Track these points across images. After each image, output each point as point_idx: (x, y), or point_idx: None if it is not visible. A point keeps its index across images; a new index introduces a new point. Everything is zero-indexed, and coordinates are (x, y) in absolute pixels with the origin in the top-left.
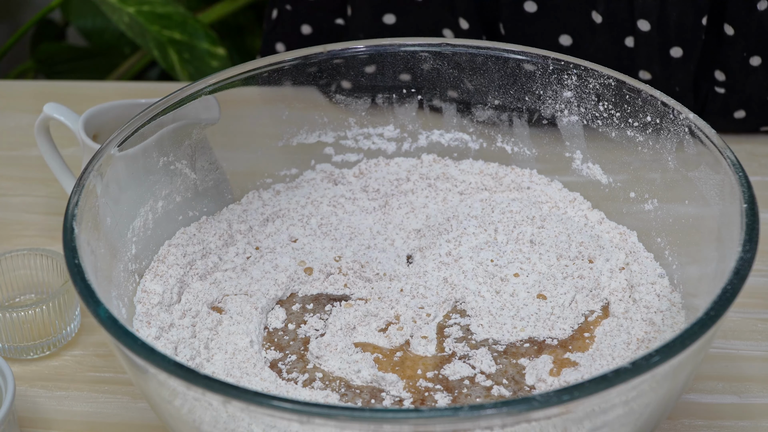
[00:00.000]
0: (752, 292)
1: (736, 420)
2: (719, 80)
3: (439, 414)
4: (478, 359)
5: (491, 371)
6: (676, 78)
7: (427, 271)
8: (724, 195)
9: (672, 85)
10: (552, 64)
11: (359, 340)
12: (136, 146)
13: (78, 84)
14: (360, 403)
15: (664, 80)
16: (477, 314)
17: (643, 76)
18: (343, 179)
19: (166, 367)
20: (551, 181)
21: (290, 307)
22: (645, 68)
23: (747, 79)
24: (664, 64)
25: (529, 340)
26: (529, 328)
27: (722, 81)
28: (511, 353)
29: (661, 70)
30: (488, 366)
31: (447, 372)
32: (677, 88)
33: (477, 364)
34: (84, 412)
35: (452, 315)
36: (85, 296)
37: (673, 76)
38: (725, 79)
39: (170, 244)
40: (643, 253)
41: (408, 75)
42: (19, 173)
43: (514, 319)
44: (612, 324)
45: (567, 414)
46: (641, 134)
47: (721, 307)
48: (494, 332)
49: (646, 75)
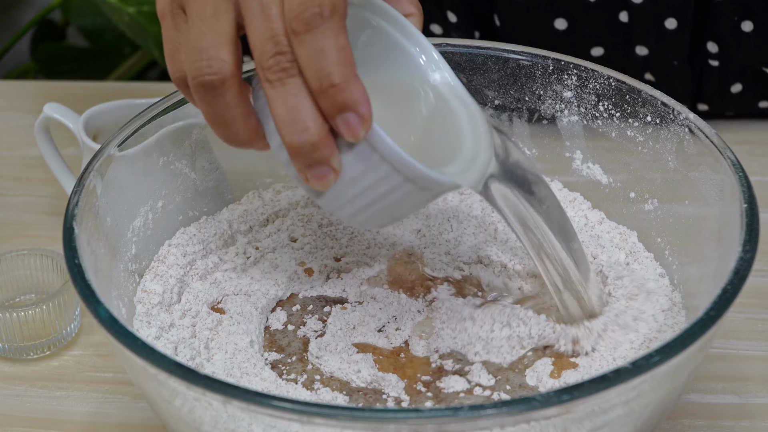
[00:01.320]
0: (752, 292)
1: (736, 420)
2: (712, 52)
3: (439, 414)
4: (475, 374)
5: (490, 384)
6: (673, 51)
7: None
8: (724, 195)
9: (670, 59)
10: (552, 64)
11: (359, 341)
12: (136, 146)
13: (78, 84)
14: (360, 403)
15: (661, 54)
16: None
17: (641, 51)
18: None
19: (166, 367)
20: (551, 181)
21: (290, 308)
22: (641, 43)
23: (740, 49)
24: (659, 37)
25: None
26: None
27: (715, 53)
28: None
29: (658, 43)
30: (487, 380)
31: (443, 385)
32: (675, 61)
33: (474, 378)
34: (84, 412)
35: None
36: (85, 296)
37: (670, 49)
38: (718, 50)
39: (170, 244)
40: (643, 253)
41: None
42: (19, 173)
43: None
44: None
45: (567, 414)
46: (641, 134)
47: (721, 307)
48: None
49: (643, 50)
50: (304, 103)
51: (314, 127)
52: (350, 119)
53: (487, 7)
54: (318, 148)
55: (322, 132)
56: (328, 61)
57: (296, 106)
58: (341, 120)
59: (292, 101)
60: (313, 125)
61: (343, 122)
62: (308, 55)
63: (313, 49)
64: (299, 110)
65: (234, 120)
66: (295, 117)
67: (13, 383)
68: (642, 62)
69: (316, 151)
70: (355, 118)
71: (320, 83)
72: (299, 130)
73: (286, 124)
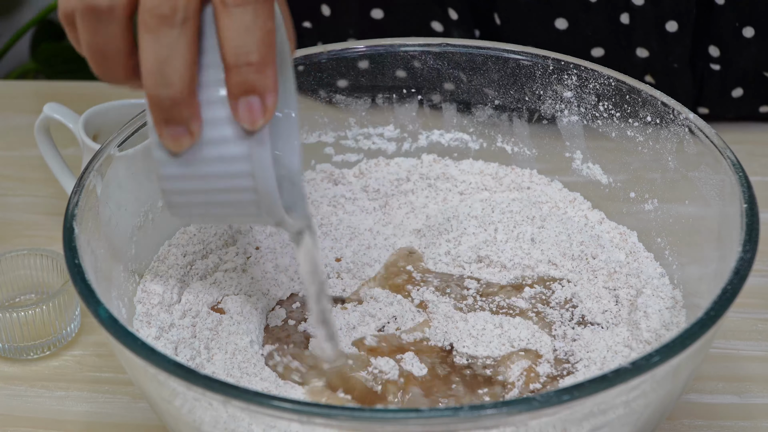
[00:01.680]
0: (752, 292)
1: (736, 420)
2: (714, 56)
3: (439, 414)
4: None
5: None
6: (674, 54)
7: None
8: (724, 195)
9: (670, 62)
10: (552, 64)
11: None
12: (136, 146)
13: (78, 84)
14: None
15: (662, 57)
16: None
17: (641, 54)
18: (343, 179)
19: (166, 367)
20: (551, 181)
21: (290, 306)
22: (642, 45)
23: (741, 53)
24: (660, 40)
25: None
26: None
27: (717, 57)
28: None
29: (659, 45)
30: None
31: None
32: (675, 64)
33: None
34: (84, 412)
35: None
36: (85, 296)
37: (671, 52)
38: (719, 54)
39: (170, 244)
40: (643, 253)
41: (408, 75)
42: (19, 173)
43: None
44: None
45: (567, 414)
46: (641, 134)
47: (721, 307)
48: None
49: (644, 52)
50: (176, 58)
51: (179, 84)
52: (254, 104)
53: (487, 6)
54: (178, 105)
55: (185, 90)
56: (252, 39)
57: (167, 58)
58: (244, 103)
59: (164, 52)
60: (179, 82)
61: (246, 105)
62: (233, 28)
63: (240, 23)
64: (169, 63)
65: (114, 54)
66: (161, 69)
67: (13, 383)
68: (642, 64)
69: (175, 108)
70: (258, 104)
71: (237, 59)
72: (163, 83)
73: (151, 74)
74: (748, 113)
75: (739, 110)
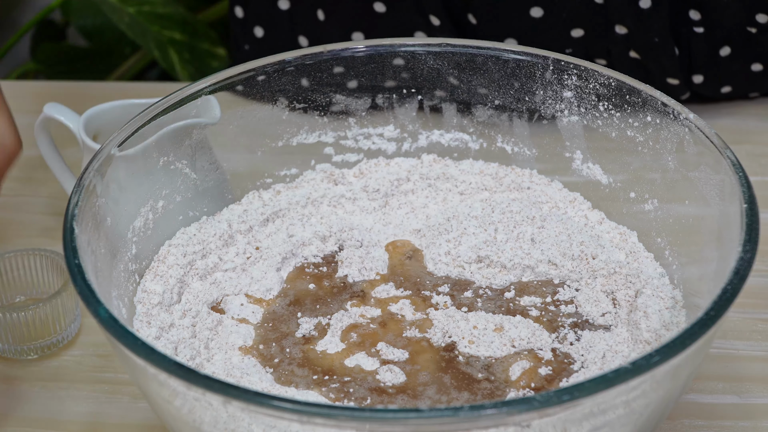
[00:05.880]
0: (752, 292)
1: (736, 420)
2: (695, 20)
3: (439, 414)
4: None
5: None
6: (652, 29)
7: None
8: (724, 195)
9: (650, 37)
10: (552, 64)
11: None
12: (136, 146)
13: (78, 84)
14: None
15: (640, 33)
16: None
17: (620, 31)
18: (343, 179)
19: (166, 367)
20: (551, 181)
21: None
22: (619, 22)
23: (723, 13)
24: (635, 18)
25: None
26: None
27: (698, 20)
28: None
29: (634, 23)
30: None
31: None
32: (656, 38)
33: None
34: (84, 412)
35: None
36: (85, 296)
37: (649, 28)
38: (701, 17)
39: (170, 244)
40: (643, 253)
41: (408, 75)
42: (19, 173)
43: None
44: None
45: (567, 414)
46: (641, 134)
47: (721, 307)
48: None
49: (622, 29)
50: None
51: None
52: None
53: (460, 7)
54: None
55: None
56: None
57: None
58: None
59: None
60: None
61: None
62: None
63: None
64: None
65: None
66: None
67: (13, 383)
68: (624, 41)
69: None
70: None
71: None
72: None
73: None
74: (742, 76)
75: (732, 73)
